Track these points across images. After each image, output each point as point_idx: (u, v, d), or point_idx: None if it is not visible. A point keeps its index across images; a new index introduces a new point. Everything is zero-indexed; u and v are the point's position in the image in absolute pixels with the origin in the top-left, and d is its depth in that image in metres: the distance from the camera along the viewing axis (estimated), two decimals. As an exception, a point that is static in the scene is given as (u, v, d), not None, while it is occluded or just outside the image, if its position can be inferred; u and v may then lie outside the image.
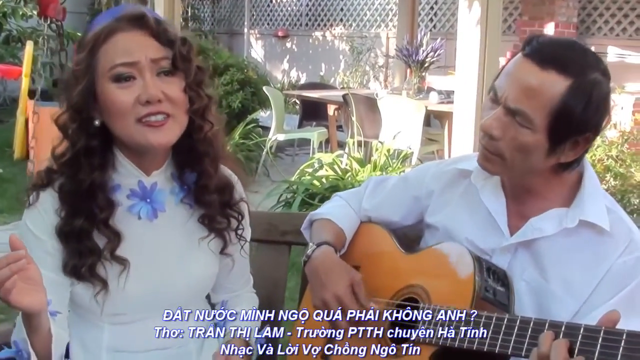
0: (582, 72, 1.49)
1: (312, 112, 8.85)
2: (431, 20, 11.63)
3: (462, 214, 1.73)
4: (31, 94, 7.68)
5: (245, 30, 14.51)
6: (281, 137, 7.95)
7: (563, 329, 1.32)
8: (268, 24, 14.47)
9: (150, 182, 1.62)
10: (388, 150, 5.88)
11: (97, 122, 1.55)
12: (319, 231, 1.86)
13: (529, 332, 1.37)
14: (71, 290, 1.58)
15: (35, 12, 10.60)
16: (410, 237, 1.87)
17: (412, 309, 1.59)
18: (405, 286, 1.67)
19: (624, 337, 1.24)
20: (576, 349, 1.28)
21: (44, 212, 1.56)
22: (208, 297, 1.83)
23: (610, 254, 1.55)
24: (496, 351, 1.41)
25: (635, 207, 5.30)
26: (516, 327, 1.40)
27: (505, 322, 1.42)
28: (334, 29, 13.18)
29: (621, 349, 1.23)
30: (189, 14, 13.81)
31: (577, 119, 1.49)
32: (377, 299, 1.70)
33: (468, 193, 1.74)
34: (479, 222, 1.69)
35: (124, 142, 1.58)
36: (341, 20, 13.09)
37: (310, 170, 5.90)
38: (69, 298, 1.59)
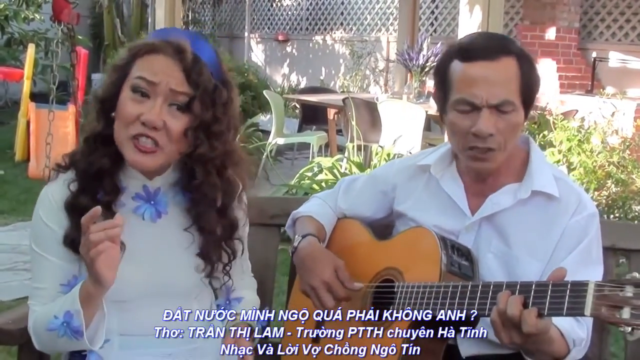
0: (514, 47, 1.77)
1: (312, 116, 8.83)
2: (432, 24, 11.64)
3: (427, 204, 1.91)
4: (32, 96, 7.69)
5: (246, 34, 14.51)
6: (281, 141, 7.94)
7: (518, 287, 1.49)
8: (268, 27, 14.48)
9: (155, 187, 1.73)
10: (388, 155, 5.87)
11: (113, 115, 1.65)
12: (303, 226, 2.02)
13: (490, 294, 1.54)
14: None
15: (37, 15, 10.65)
16: (383, 225, 2.05)
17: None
18: (381, 269, 1.85)
19: (569, 287, 1.40)
20: (530, 302, 1.45)
21: (53, 198, 1.67)
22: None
23: (562, 216, 1.77)
24: (464, 312, 1.58)
25: (637, 214, 5.27)
26: (479, 292, 1.57)
27: (469, 288, 1.59)
28: (334, 33, 13.19)
29: (567, 297, 1.40)
30: (190, 17, 13.84)
31: (533, 81, 1.77)
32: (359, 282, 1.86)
33: (429, 184, 1.93)
34: (441, 208, 1.88)
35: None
36: (341, 24, 13.10)
37: (309, 174, 5.89)
38: None
